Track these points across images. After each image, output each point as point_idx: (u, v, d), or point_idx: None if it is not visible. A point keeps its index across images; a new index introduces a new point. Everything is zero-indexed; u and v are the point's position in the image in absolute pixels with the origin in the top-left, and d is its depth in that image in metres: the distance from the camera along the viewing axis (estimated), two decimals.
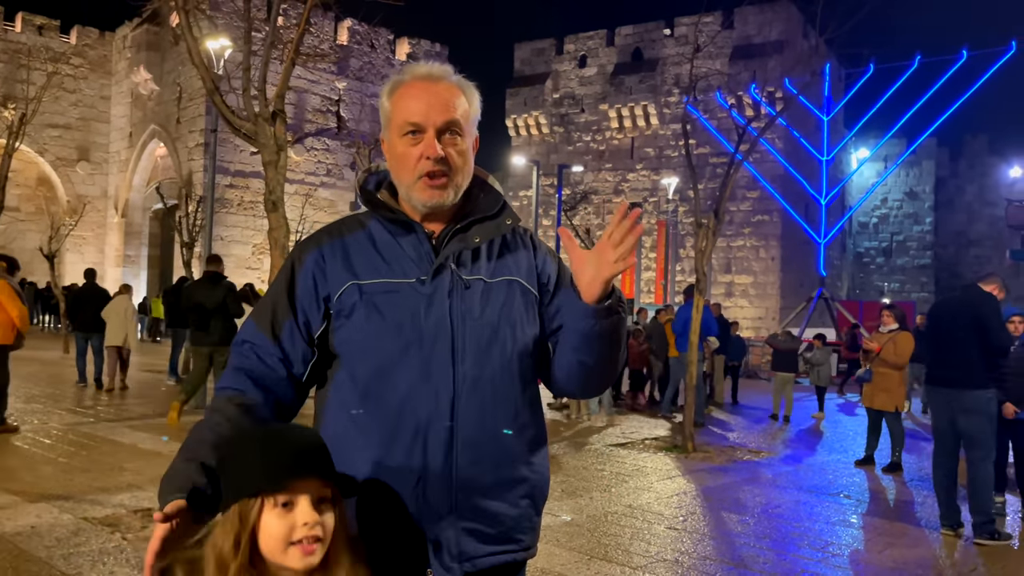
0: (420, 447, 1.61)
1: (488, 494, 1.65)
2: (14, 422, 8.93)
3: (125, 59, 33.35)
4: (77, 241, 32.31)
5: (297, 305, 1.69)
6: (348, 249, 1.70)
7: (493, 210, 1.76)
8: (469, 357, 1.64)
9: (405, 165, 1.67)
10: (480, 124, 1.80)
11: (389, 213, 1.71)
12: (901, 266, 51.27)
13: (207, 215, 12.76)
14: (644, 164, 39.29)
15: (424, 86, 1.68)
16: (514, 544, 1.71)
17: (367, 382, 1.63)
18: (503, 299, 1.70)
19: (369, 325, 1.64)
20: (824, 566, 5.11)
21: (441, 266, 1.66)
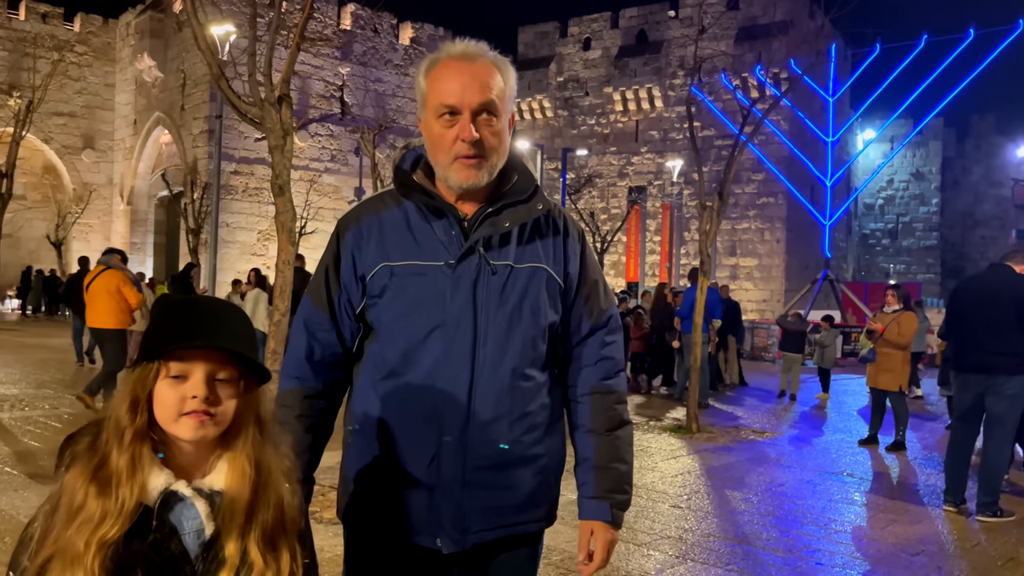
0: (437, 424, 1.68)
1: (501, 471, 1.72)
2: (25, 407, 9.04)
3: (129, 46, 33.32)
4: (83, 229, 32.40)
5: (342, 283, 1.77)
6: (384, 228, 1.75)
7: (525, 194, 1.78)
8: (491, 341, 1.69)
9: (441, 146, 1.70)
10: None
11: (424, 196, 1.74)
12: (907, 247, 51.12)
13: (213, 202, 12.80)
14: (649, 147, 39.18)
15: (460, 66, 1.69)
16: (525, 517, 1.77)
17: (394, 359, 1.71)
18: (528, 285, 1.74)
19: (397, 306, 1.71)
20: (826, 542, 5.18)
21: (469, 250, 1.70)
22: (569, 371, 1.87)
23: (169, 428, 1.26)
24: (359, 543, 1.80)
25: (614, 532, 1.81)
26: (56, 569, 1.18)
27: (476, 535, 1.72)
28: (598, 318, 1.86)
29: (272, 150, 5.52)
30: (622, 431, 1.86)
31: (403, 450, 1.70)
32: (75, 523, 1.19)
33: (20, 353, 15.15)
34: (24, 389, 10.52)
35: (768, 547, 5.01)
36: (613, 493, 1.81)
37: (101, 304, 8.78)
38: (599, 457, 1.82)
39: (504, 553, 1.78)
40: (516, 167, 1.83)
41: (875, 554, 4.98)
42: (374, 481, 1.73)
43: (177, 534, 1.25)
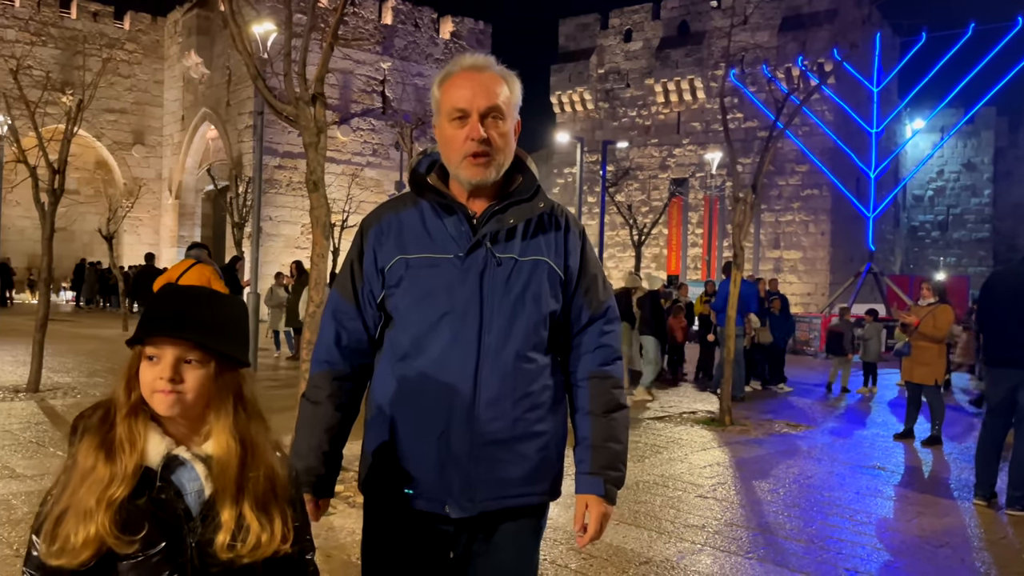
0: (446, 403, 1.86)
1: (506, 446, 1.89)
2: (77, 394, 9.42)
3: (177, 44, 34.08)
4: (133, 223, 33.29)
5: (365, 276, 1.97)
6: (402, 225, 1.95)
7: (528, 193, 1.97)
8: (495, 327, 1.87)
9: (453, 146, 1.89)
10: (525, 101, 2.02)
11: (437, 196, 1.93)
12: (958, 240, 49.97)
13: (255, 196, 13.11)
14: (691, 139, 38.88)
15: (469, 75, 1.89)
16: (528, 489, 1.94)
17: (408, 343, 1.90)
18: (530, 276, 1.92)
19: (412, 294, 1.90)
20: (850, 533, 5.21)
21: (477, 244, 1.88)
22: (570, 358, 2.03)
23: (149, 403, 1.44)
24: (376, 511, 1.99)
25: (608, 506, 1.96)
26: (71, 522, 1.35)
27: (482, 503, 1.88)
28: (597, 308, 2.02)
29: (306, 147, 5.69)
30: (618, 414, 2.01)
31: (416, 426, 1.88)
32: (86, 484, 1.37)
33: (73, 343, 15.71)
34: (77, 377, 10.94)
35: (791, 537, 5.06)
36: (607, 470, 1.96)
37: None
38: (595, 437, 1.97)
39: (509, 522, 1.94)
40: (521, 169, 2.01)
41: (898, 545, 5.01)
42: (390, 454, 1.91)
43: (181, 495, 1.42)
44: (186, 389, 1.43)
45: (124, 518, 1.36)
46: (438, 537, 1.92)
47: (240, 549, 1.41)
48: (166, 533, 1.40)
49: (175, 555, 1.40)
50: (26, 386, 9.53)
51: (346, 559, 4.12)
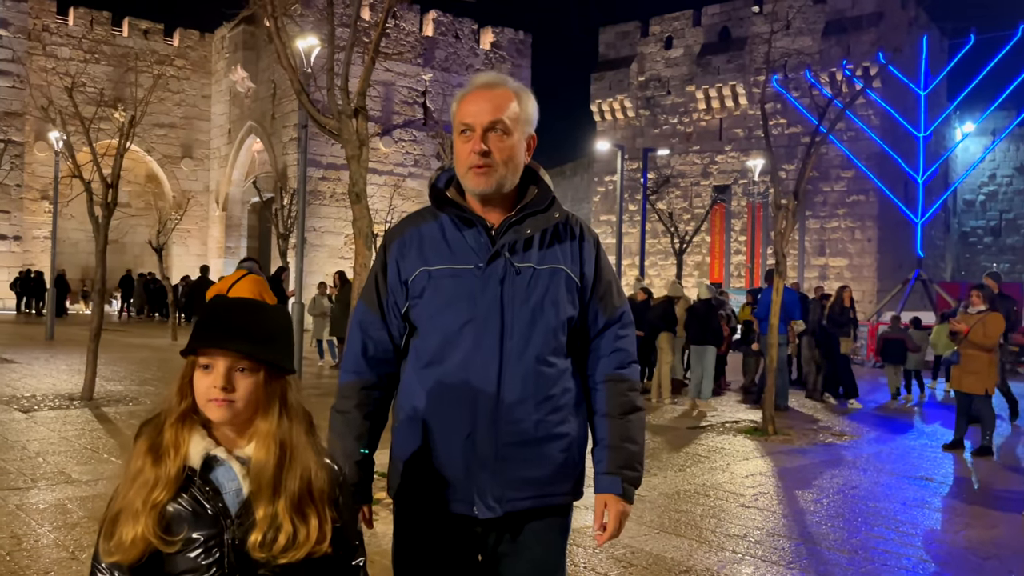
0: (470, 407, 1.94)
1: (530, 447, 1.96)
2: (129, 403, 9.67)
3: (223, 59, 34.82)
4: (182, 234, 34.02)
5: (389, 287, 2.06)
6: (423, 238, 2.04)
7: (543, 204, 2.05)
8: (516, 333, 1.95)
9: (459, 159, 2.00)
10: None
11: (455, 209, 2.02)
12: (1011, 245, 48.62)
13: (299, 207, 13.36)
14: (733, 145, 38.53)
15: (480, 93, 2.00)
16: (553, 489, 2.01)
17: (432, 350, 1.98)
18: (548, 284, 2.00)
19: (435, 303, 1.99)
20: (895, 544, 5.14)
21: (496, 254, 1.97)
22: (587, 362, 2.11)
23: (202, 410, 1.53)
24: (405, 514, 2.06)
25: (626, 505, 2.02)
26: (124, 521, 1.47)
27: (510, 503, 1.95)
28: (612, 314, 2.10)
29: (349, 160, 5.81)
30: (634, 416, 2.08)
31: (442, 430, 1.96)
32: (135, 486, 1.48)
33: (125, 352, 16.13)
34: (128, 386, 11.24)
35: (834, 547, 5.01)
36: (624, 469, 2.03)
37: None
38: (612, 437, 2.04)
39: (535, 522, 2.00)
40: (535, 181, 2.10)
41: (944, 557, 4.92)
42: (418, 459, 1.99)
43: (220, 493, 1.51)
44: (238, 397, 1.51)
45: (168, 518, 1.46)
46: (467, 539, 1.99)
47: (273, 548, 1.47)
48: (206, 530, 1.48)
49: (215, 552, 1.48)
50: (81, 394, 9.83)
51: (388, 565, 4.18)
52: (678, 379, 12.95)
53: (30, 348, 16.26)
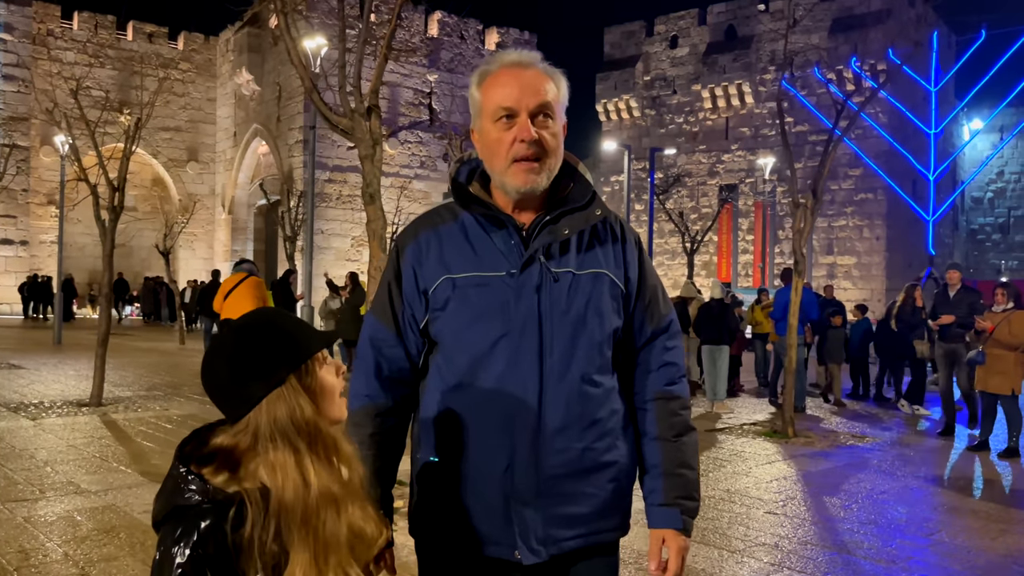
0: (508, 435, 1.68)
1: (574, 479, 1.72)
2: (138, 408, 9.55)
3: (228, 62, 34.77)
4: (188, 238, 33.97)
5: (405, 299, 1.80)
6: (442, 241, 1.77)
7: (583, 201, 1.79)
8: (557, 349, 1.70)
9: (498, 150, 1.71)
10: (570, 110, 1.85)
11: (482, 208, 1.75)
12: (1020, 242, 48.35)
13: (308, 210, 13.22)
14: (739, 144, 38.34)
15: (514, 72, 1.72)
16: (601, 526, 1.76)
17: (461, 371, 1.72)
18: (591, 291, 1.74)
19: (461, 317, 1.72)
20: (931, 552, 4.96)
21: (530, 259, 1.71)
22: (633, 377, 1.86)
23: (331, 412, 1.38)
24: (432, 558, 1.81)
25: (686, 539, 1.78)
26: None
27: (556, 545, 1.71)
28: (659, 323, 1.85)
29: (362, 160, 5.66)
30: (688, 437, 1.84)
31: (476, 461, 1.70)
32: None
33: (133, 356, 16.01)
34: (136, 391, 11.10)
35: (869, 557, 4.83)
36: (682, 500, 1.79)
37: (246, 309, 9.43)
38: (667, 463, 1.80)
39: (582, 563, 1.76)
40: (571, 175, 1.83)
41: (984, 565, 4.74)
42: (446, 495, 1.73)
43: None
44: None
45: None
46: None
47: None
48: None
49: None
50: (89, 400, 9.69)
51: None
52: (694, 381, 12.77)
53: (38, 353, 16.16)
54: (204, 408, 9.87)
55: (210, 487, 1.28)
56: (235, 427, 1.35)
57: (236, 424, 1.35)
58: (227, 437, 1.35)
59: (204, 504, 1.26)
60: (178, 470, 1.31)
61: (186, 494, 1.27)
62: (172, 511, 1.29)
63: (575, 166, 1.85)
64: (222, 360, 1.36)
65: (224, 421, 1.38)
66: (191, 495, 1.27)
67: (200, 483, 1.28)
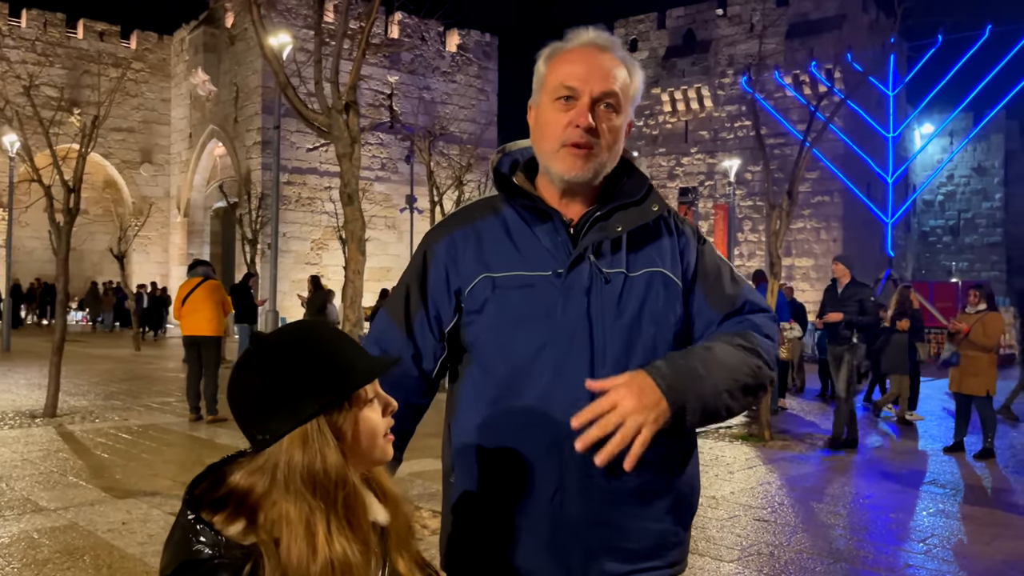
0: (557, 455, 1.50)
1: (629, 507, 1.54)
2: (95, 419, 9.14)
3: (183, 62, 33.99)
4: (142, 241, 33.07)
5: (428, 298, 1.61)
6: (481, 237, 1.59)
7: (637, 195, 1.61)
8: (610, 358, 1.52)
9: (551, 132, 1.55)
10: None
11: (526, 200, 1.58)
12: (969, 244, 49.65)
13: (272, 212, 12.89)
14: (699, 147, 38.64)
15: (587, 52, 1.56)
16: (656, 561, 1.58)
17: (501, 383, 1.54)
18: (646, 294, 1.56)
19: (502, 322, 1.53)
20: (929, 559, 4.89)
21: (579, 258, 1.53)
22: None
23: (374, 456, 1.19)
24: None
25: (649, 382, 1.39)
26: None
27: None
28: (729, 306, 1.63)
29: (340, 159, 5.42)
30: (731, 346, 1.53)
31: (520, 487, 1.52)
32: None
33: (88, 364, 15.44)
34: (93, 401, 10.66)
35: (868, 565, 4.74)
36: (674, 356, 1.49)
37: (206, 313, 9.27)
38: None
39: None
40: (625, 169, 1.66)
41: (984, 572, 4.68)
42: (487, 523, 1.55)
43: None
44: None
45: None
46: None
47: None
48: None
49: None
50: (43, 411, 9.26)
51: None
52: None
53: None
54: (165, 418, 9.50)
55: (223, 539, 1.08)
56: (253, 462, 1.14)
57: (256, 458, 1.14)
58: (244, 476, 1.14)
59: (216, 559, 1.06)
60: (186, 517, 1.10)
61: (195, 546, 1.07)
62: (181, 566, 1.08)
63: (630, 160, 1.67)
64: (243, 382, 1.16)
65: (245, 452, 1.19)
66: (201, 547, 1.07)
67: (211, 534, 1.08)
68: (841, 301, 8.40)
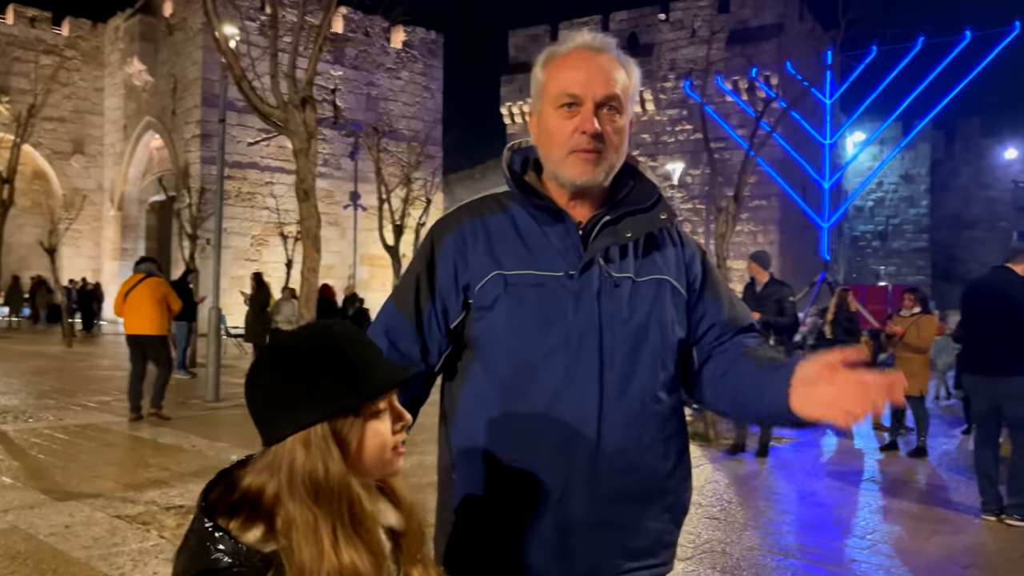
0: (564, 455, 1.51)
1: (634, 507, 1.57)
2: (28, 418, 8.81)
3: (118, 50, 32.99)
4: (73, 235, 31.99)
5: (436, 292, 1.60)
6: (491, 233, 1.60)
7: (647, 203, 1.64)
8: (617, 362, 1.54)
9: (557, 139, 1.56)
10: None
11: (537, 199, 1.59)
12: (897, 249, 51.39)
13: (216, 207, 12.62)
14: (641, 150, 39.13)
15: (585, 56, 1.57)
16: (653, 559, 1.61)
17: (508, 382, 1.54)
18: (653, 300, 1.59)
19: (513, 320, 1.54)
20: (871, 555, 5.05)
21: (590, 261, 1.55)
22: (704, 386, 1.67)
23: (381, 470, 1.17)
24: None
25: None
26: None
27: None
28: (738, 323, 1.70)
29: (296, 154, 5.35)
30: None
31: (526, 488, 1.53)
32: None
33: (18, 362, 14.88)
34: (25, 399, 10.28)
35: (816, 561, 4.87)
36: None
37: (147, 312, 8.98)
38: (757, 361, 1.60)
39: None
40: (631, 173, 1.69)
41: (925, 568, 4.85)
42: (490, 524, 1.56)
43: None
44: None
45: None
46: None
47: None
48: None
49: None
50: None
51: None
52: None
53: None
54: (104, 418, 9.22)
55: (242, 547, 1.06)
56: (263, 458, 1.13)
57: (266, 454, 1.13)
58: (255, 475, 1.13)
59: (235, 568, 1.05)
60: (202, 524, 1.09)
61: (213, 555, 1.06)
62: (200, 575, 1.06)
63: (635, 166, 1.70)
64: (254, 380, 1.16)
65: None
66: (220, 556, 1.05)
67: (230, 542, 1.06)
68: (759, 300, 8.11)
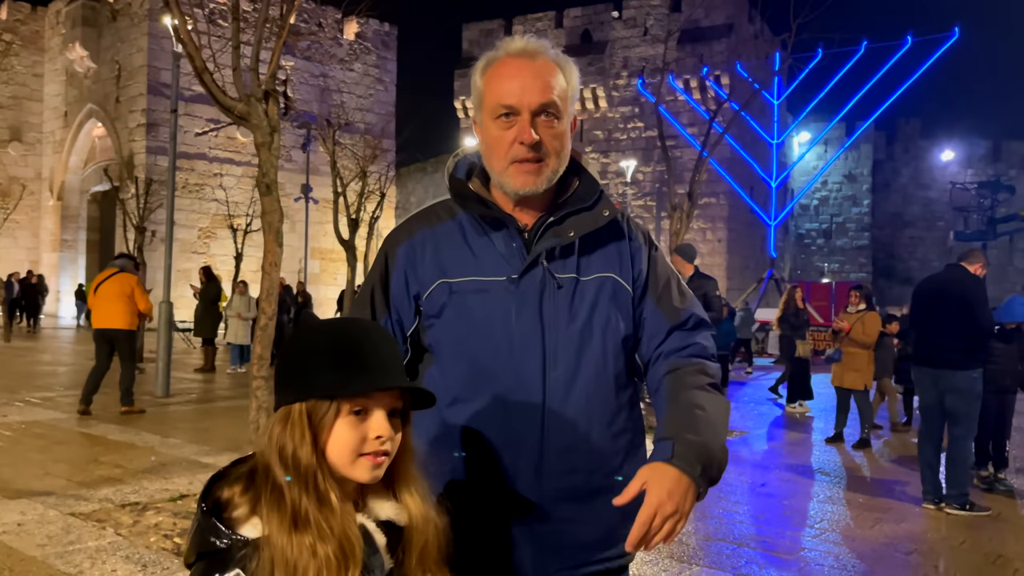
0: (511, 455, 1.57)
1: (581, 502, 1.61)
2: None
3: (59, 35, 32.05)
4: (10, 225, 31.03)
5: (391, 303, 1.66)
6: (439, 242, 1.64)
7: (589, 200, 1.67)
8: (561, 363, 1.58)
9: (496, 150, 1.59)
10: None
11: (481, 207, 1.63)
12: (840, 247, 52.67)
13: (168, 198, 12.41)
14: (593, 147, 39.47)
15: (519, 64, 1.58)
16: (606, 554, 1.65)
17: (457, 386, 1.59)
18: (596, 298, 1.63)
19: (459, 327, 1.59)
20: (821, 542, 5.23)
21: (533, 263, 1.59)
22: (648, 376, 1.70)
23: (343, 470, 1.18)
24: None
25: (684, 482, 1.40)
26: None
27: (557, 574, 1.61)
28: (675, 317, 1.68)
29: (259, 148, 5.31)
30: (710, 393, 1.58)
31: (475, 486, 1.58)
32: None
33: None
34: None
35: (769, 549, 5.03)
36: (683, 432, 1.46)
37: (114, 306, 9.05)
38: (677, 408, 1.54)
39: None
40: (576, 172, 1.71)
41: (871, 554, 5.05)
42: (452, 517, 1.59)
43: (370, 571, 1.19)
44: (392, 448, 1.19)
45: None
46: None
47: None
48: None
49: None
50: None
51: None
52: None
53: None
54: (50, 414, 9.01)
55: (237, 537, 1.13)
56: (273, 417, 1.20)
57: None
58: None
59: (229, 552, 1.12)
60: (201, 511, 1.15)
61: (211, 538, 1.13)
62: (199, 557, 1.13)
63: (579, 162, 1.73)
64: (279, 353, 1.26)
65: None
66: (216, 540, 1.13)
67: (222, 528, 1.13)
68: None
